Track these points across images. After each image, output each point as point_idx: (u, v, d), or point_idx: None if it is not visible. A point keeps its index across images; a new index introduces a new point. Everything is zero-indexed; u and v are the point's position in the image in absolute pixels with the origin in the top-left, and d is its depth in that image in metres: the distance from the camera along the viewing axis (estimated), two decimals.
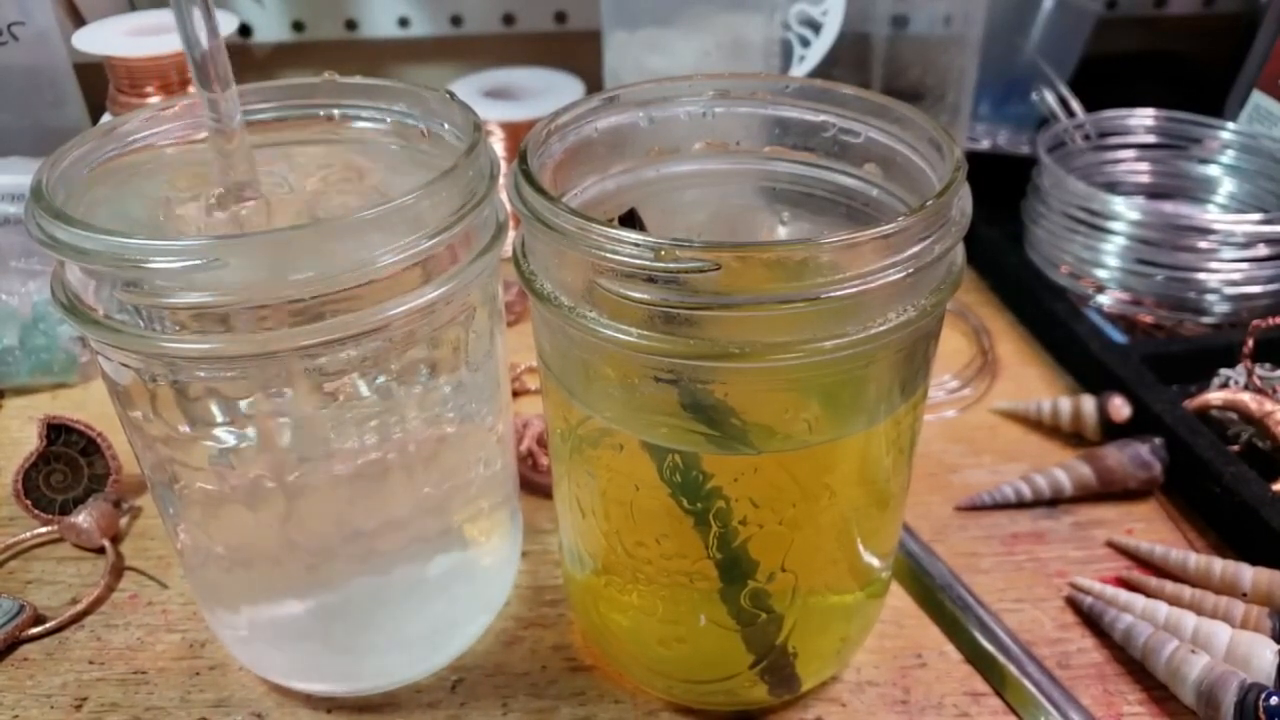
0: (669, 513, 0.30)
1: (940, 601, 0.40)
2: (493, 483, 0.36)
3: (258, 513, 0.31)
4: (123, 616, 0.40)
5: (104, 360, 0.29)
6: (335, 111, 0.35)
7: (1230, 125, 0.59)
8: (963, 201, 0.28)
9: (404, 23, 0.75)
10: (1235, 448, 0.45)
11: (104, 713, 0.36)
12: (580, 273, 0.27)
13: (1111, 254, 0.54)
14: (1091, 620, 0.39)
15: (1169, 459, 0.44)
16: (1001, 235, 0.61)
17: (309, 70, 0.76)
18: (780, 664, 0.33)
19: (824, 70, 0.57)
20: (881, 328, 0.26)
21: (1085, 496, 0.45)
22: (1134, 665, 0.37)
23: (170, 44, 0.55)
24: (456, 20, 0.75)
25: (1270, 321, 0.49)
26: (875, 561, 0.34)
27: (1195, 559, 0.40)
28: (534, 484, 0.45)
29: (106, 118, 0.58)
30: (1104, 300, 0.55)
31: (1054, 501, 0.45)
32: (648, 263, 0.25)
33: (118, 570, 0.42)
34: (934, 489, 0.46)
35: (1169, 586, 0.39)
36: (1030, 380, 0.53)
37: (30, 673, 0.38)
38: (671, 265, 0.25)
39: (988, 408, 0.51)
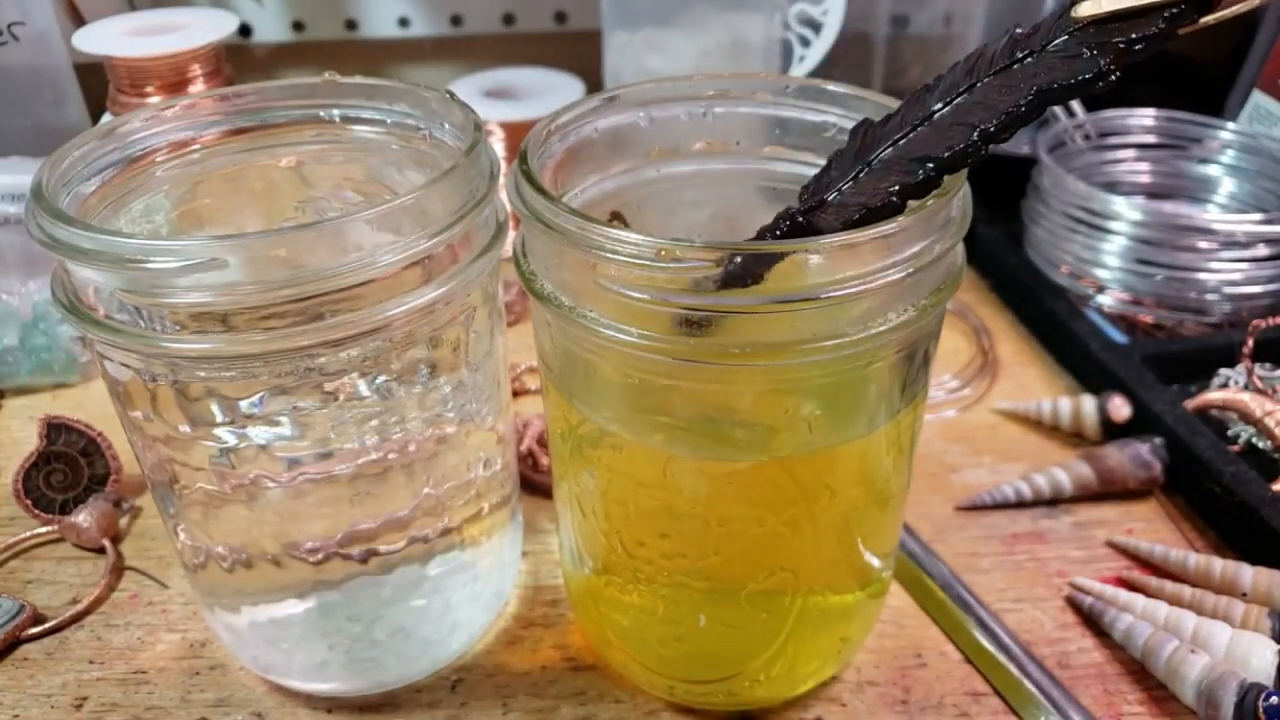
0: (669, 512, 0.30)
1: (940, 601, 0.40)
2: (493, 483, 0.36)
3: (258, 513, 0.31)
4: (123, 616, 0.40)
5: (104, 360, 0.29)
6: (335, 112, 0.35)
7: (1230, 125, 0.59)
8: (963, 201, 0.28)
9: (404, 23, 0.75)
10: (1235, 448, 0.45)
11: (104, 713, 0.36)
12: (580, 273, 0.27)
13: (1111, 254, 0.54)
14: (1091, 620, 0.39)
15: (1169, 459, 0.44)
16: (1001, 235, 0.61)
17: (309, 70, 0.76)
18: None
19: (824, 70, 0.57)
20: (881, 328, 0.26)
21: (1085, 496, 0.45)
22: (1134, 665, 0.37)
23: (170, 44, 0.55)
24: (456, 20, 0.75)
25: (1270, 321, 0.49)
26: (875, 561, 0.34)
27: (1195, 559, 0.40)
28: (534, 484, 0.45)
29: (106, 118, 0.58)
30: (1104, 300, 0.55)
31: (1054, 501, 0.45)
32: (648, 263, 0.25)
33: (118, 570, 0.42)
34: (934, 489, 0.46)
35: (1169, 586, 0.39)
36: (1030, 380, 0.53)
37: (30, 673, 0.38)
38: (671, 265, 0.25)
39: (988, 408, 0.51)
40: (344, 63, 0.76)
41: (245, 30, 0.73)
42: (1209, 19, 0.22)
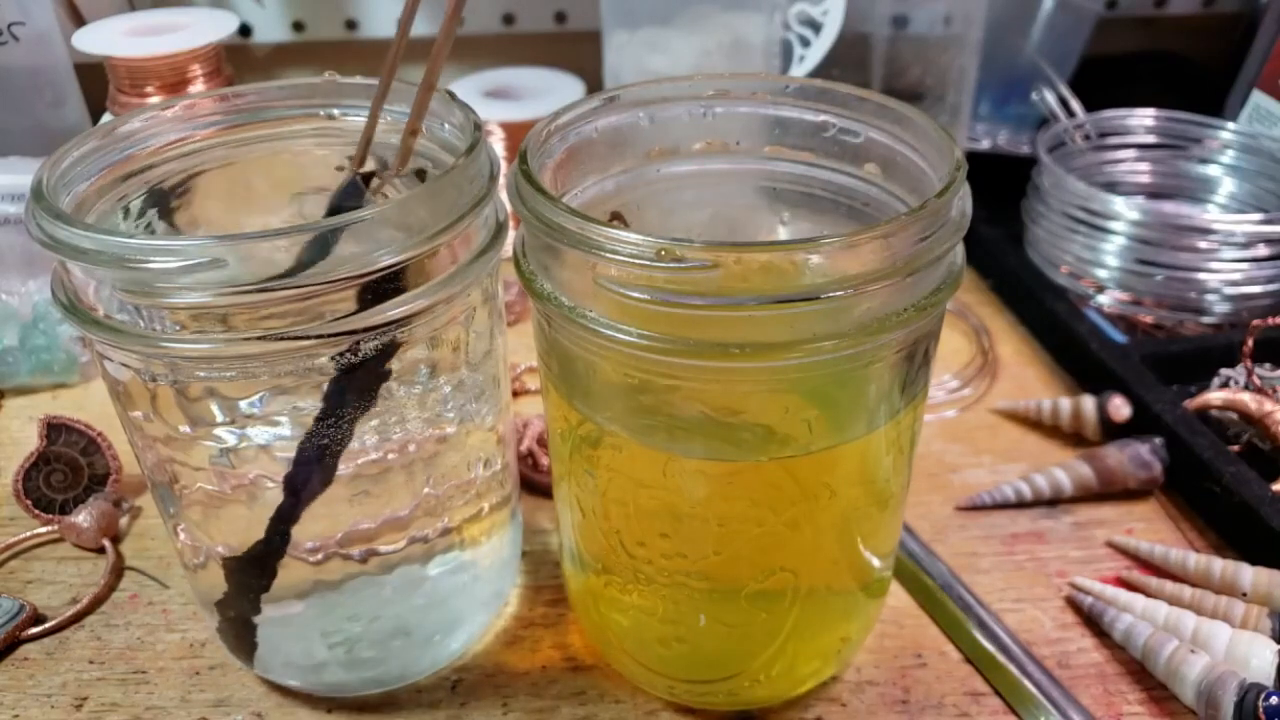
0: (669, 512, 0.30)
1: (940, 601, 0.40)
2: (493, 483, 0.36)
3: (258, 513, 0.31)
4: (123, 616, 0.40)
5: (104, 360, 0.29)
6: (335, 111, 0.35)
7: (1230, 125, 0.59)
8: (963, 201, 0.28)
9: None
10: (1235, 448, 0.45)
11: (104, 713, 0.36)
12: (580, 273, 0.27)
13: (1111, 254, 0.54)
14: (1091, 620, 0.39)
15: (1169, 459, 0.44)
16: (1001, 235, 0.61)
17: (309, 70, 0.76)
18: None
19: (824, 70, 0.57)
20: (881, 328, 0.26)
21: (1085, 496, 0.45)
22: (1134, 665, 0.37)
23: (170, 44, 0.55)
24: None
25: (1270, 321, 0.49)
26: (875, 561, 0.34)
27: (1195, 559, 0.40)
28: (534, 484, 0.45)
29: (106, 118, 0.58)
30: (1104, 300, 0.55)
31: (1054, 501, 0.45)
32: (648, 263, 0.25)
33: (118, 570, 0.42)
34: (934, 489, 0.46)
35: (1169, 586, 0.39)
36: (1030, 380, 0.53)
37: (30, 672, 0.38)
38: (671, 265, 0.25)
39: (988, 408, 0.51)
40: (344, 63, 0.76)
41: (245, 30, 0.73)
42: None
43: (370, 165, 0.33)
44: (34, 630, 0.39)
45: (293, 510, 0.31)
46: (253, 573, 0.32)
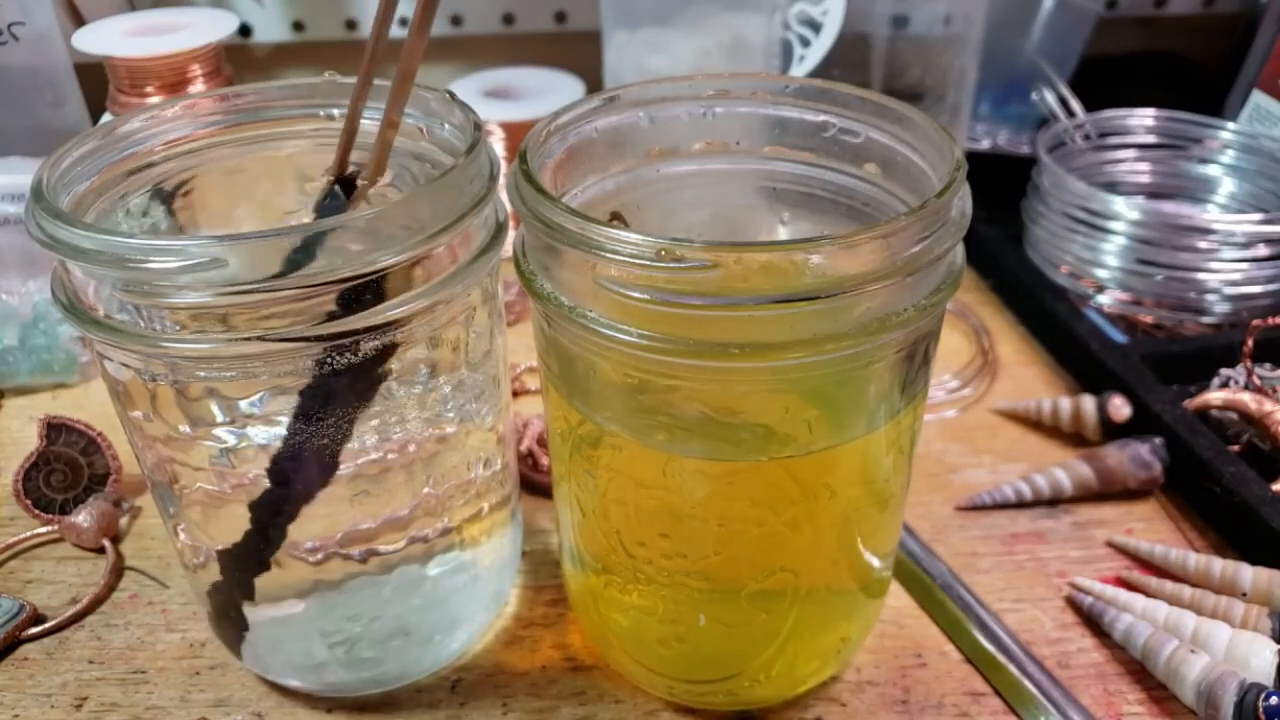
0: (670, 512, 0.30)
1: (940, 601, 0.40)
2: (493, 483, 0.36)
3: None
4: (123, 616, 0.40)
5: (104, 360, 0.29)
6: (335, 111, 0.35)
7: (1230, 125, 0.59)
8: (963, 201, 0.28)
9: (404, 23, 0.75)
10: (1235, 448, 0.45)
11: (104, 712, 0.36)
12: (580, 273, 0.27)
13: (1111, 254, 0.54)
14: (1091, 620, 0.39)
15: (1169, 459, 0.44)
16: (1001, 235, 0.61)
17: (309, 70, 0.76)
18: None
19: (824, 70, 0.57)
20: (881, 328, 0.26)
21: (1085, 496, 0.45)
22: (1134, 665, 0.37)
23: (170, 44, 0.55)
24: (456, 20, 0.75)
25: (1270, 321, 0.49)
26: (875, 561, 0.34)
27: (1195, 559, 0.40)
28: (534, 484, 0.45)
29: (106, 118, 0.58)
30: (1104, 300, 0.55)
31: (1054, 501, 0.45)
32: (648, 263, 0.25)
33: (118, 570, 0.42)
34: (934, 489, 0.46)
35: (1169, 586, 0.39)
36: (1030, 380, 0.53)
37: (30, 672, 0.38)
38: (671, 265, 0.25)
39: (988, 408, 0.51)
40: (344, 63, 0.76)
41: (245, 30, 0.73)
42: None
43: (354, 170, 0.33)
44: (34, 630, 0.39)
45: (280, 504, 0.31)
46: (242, 564, 0.32)
